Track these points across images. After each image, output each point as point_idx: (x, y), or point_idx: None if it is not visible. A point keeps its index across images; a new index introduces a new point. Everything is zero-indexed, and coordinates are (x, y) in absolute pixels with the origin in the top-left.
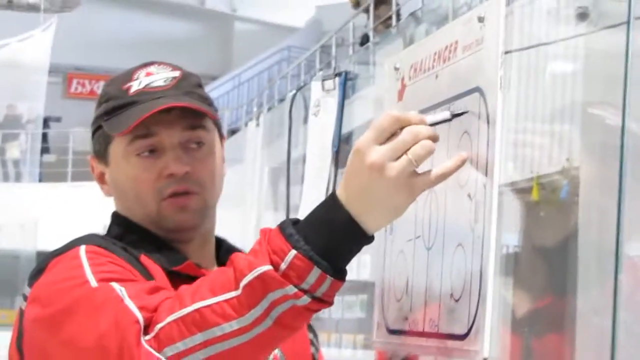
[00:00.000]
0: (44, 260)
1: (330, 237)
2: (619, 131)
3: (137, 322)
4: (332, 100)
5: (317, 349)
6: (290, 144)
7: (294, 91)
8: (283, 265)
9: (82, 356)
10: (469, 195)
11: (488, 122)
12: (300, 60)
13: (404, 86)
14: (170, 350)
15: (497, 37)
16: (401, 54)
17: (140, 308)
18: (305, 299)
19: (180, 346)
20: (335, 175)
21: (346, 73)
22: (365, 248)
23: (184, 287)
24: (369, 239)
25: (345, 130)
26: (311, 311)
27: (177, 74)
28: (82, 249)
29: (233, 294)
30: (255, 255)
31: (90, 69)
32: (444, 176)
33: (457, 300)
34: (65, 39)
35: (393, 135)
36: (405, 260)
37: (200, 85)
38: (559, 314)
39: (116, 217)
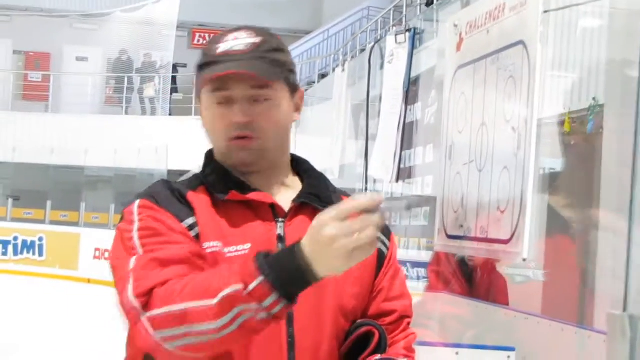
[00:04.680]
0: (125, 205)
1: (289, 273)
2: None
3: (134, 309)
4: (403, 51)
5: (385, 245)
6: (369, 85)
7: (372, 43)
8: (251, 287)
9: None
10: (513, 128)
11: (529, 69)
12: (377, 18)
13: (461, 40)
14: (160, 334)
15: None
16: (459, 14)
17: (137, 296)
18: (262, 315)
19: (167, 332)
20: (406, 110)
21: (415, 29)
22: (428, 170)
23: (186, 279)
24: (317, 279)
25: (413, 74)
26: (267, 323)
27: (257, 40)
28: (136, 204)
29: (213, 301)
30: (234, 273)
31: (211, 24)
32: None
33: (502, 212)
34: (190, 0)
35: (351, 217)
36: (461, 180)
37: (276, 50)
38: (584, 223)
39: (207, 156)
